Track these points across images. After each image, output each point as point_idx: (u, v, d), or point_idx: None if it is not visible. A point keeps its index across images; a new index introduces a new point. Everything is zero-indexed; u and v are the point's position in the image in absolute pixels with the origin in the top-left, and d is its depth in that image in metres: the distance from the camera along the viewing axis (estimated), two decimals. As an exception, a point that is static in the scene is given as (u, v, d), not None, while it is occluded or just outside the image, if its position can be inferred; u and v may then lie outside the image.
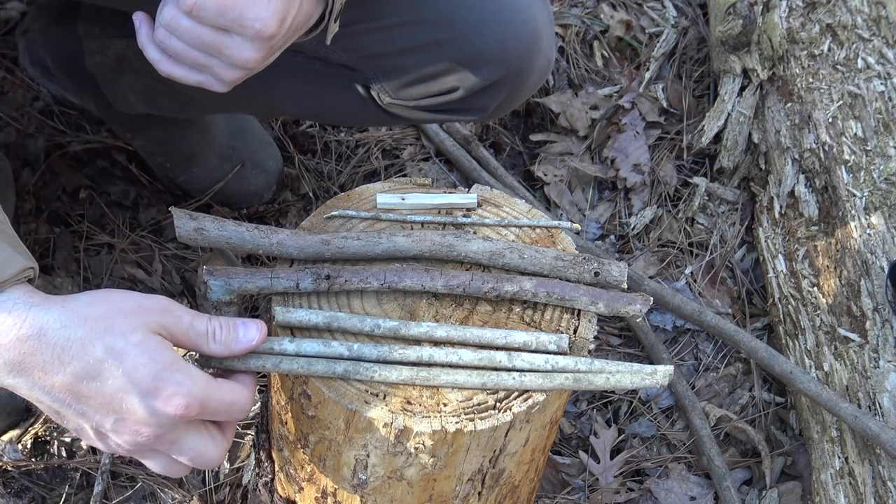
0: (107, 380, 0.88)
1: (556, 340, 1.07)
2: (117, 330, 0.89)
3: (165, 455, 0.96)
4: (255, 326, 0.99)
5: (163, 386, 0.89)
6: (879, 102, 2.06)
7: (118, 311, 0.90)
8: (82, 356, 0.88)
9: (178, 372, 0.90)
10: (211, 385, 0.93)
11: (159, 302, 0.94)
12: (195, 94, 1.68)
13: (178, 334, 0.95)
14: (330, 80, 1.51)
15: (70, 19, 1.77)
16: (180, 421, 0.91)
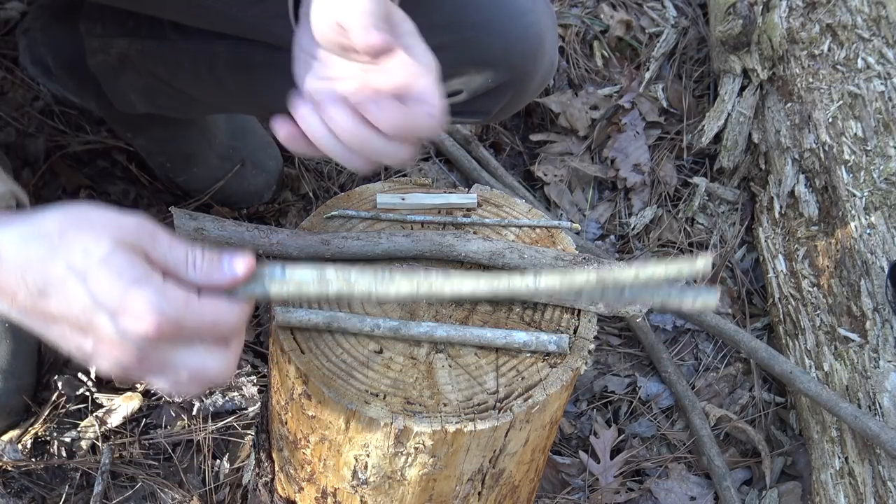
0: (72, 300, 0.82)
1: (556, 340, 1.08)
2: (79, 245, 0.82)
3: (162, 374, 0.88)
4: (242, 260, 0.90)
5: (130, 304, 0.81)
6: (879, 102, 2.06)
7: (86, 226, 0.84)
8: (44, 275, 0.82)
9: (148, 288, 0.82)
10: (189, 303, 0.84)
11: (136, 219, 0.86)
12: (196, 95, 1.68)
13: (155, 254, 0.86)
14: None
15: (71, 18, 1.76)
16: (158, 341, 0.83)
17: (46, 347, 1.74)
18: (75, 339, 0.85)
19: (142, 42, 1.66)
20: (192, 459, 1.67)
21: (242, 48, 1.56)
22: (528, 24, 1.40)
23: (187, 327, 0.84)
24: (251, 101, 1.70)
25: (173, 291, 0.83)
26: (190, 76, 1.64)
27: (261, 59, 1.55)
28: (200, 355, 0.87)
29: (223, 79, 1.61)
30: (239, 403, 1.72)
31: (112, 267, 0.82)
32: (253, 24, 1.45)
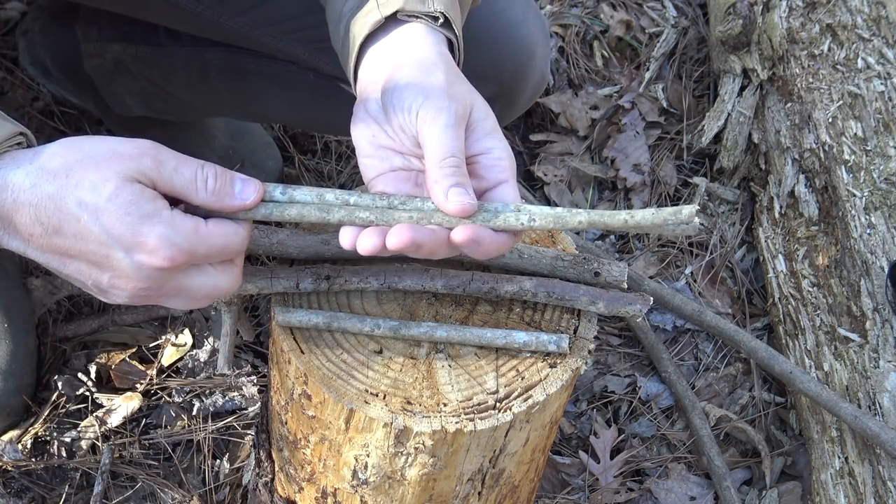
0: (87, 237, 0.84)
1: (556, 340, 1.08)
2: (87, 183, 0.84)
3: (178, 298, 0.91)
4: (254, 186, 0.91)
5: (144, 240, 0.84)
6: (879, 102, 2.06)
7: (89, 161, 0.85)
8: (57, 214, 0.84)
9: (159, 223, 0.84)
10: (198, 232, 0.87)
11: (138, 145, 0.87)
12: (189, 99, 1.69)
13: (160, 180, 0.86)
14: (323, 91, 1.51)
15: (70, 20, 1.77)
16: (172, 272, 0.86)
17: (46, 348, 1.74)
18: (92, 274, 0.87)
19: (136, 47, 1.66)
20: (192, 459, 1.67)
21: (234, 55, 1.56)
22: (518, 38, 1.38)
23: (199, 254, 0.87)
24: (243, 107, 1.70)
25: (182, 223, 0.86)
26: (183, 81, 1.65)
27: (252, 67, 1.56)
28: (212, 276, 0.90)
29: (215, 85, 1.61)
30: (239, 403, 1.72)
31: (121, 203, 0.84)
32: (242, 32, 1.46)
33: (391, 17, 1.01)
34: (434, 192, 0.92)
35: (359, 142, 1.01)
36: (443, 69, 0.98)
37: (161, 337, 1.78)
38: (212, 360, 1.76)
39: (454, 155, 0.93)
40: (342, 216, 0.94)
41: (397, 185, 0.98)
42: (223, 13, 1.44)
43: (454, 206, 0.91)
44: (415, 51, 1.00)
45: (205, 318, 1.81)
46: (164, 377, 1.73)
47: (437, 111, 0.94)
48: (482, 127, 0.97)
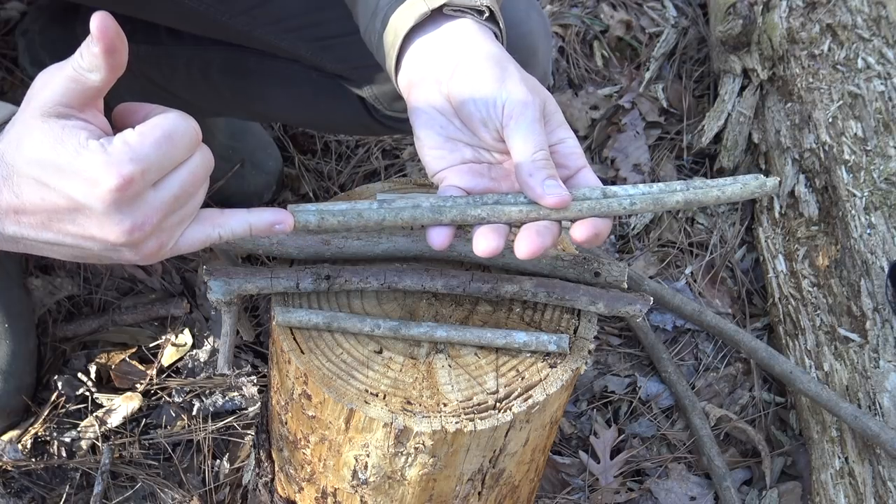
0: (49, 192, 0.81)
1: (556, 340, 1.08)
2: (24, 137, 0.81)
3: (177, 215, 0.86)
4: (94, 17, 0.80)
5: (85, 174, 0.80)
6: (879, 102, 2.06)
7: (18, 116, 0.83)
8: (18, 179, 0.82)
9: (87, 151, 0.80)
10: (131, 139, 0.81)
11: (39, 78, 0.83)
12: (191, 99, 1.69)
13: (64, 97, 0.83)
14: (325, 89, 1.51)
15: (69, 20, 1.77)
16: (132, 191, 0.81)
17: (46, 348, 1.74)
18: (85, 234, 0.84)
19: (137, 46, 1.66)
20: (192, 459, 1.67)
21: (235, 54, 1.56)
22: (519, 36, 1.37)
23: (149, 158, 0.82)
24: (245, 106, 1.70)
25: (109, 142, 0.81)
26: (184, 81, 1.65)
27: (253, 66, 1.56)
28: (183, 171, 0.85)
29: (217, 84, 1.61)
30: (239, 403, 1.72)
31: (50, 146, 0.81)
32: (244, 31, 1.46)
33: (437, 11, 1.01)
34: (530, 186, 0.94)
35: (424, 133, 1.01)
36: (514, 65, 0.99)
37: (161, 337, 1.78)
38: (212, 360, 1.76)
39: (543, 148, 0.95)
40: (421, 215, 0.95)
41: (472, 178, 1.00)
42: (225, 11, 1.44)
43: (553, 199, 0.93)
44: (479, 46, 1.00)
45: (205, 318, 1.81)
46: (164, 377, 1.73)
47: (524, 107, 0.95)
48: (555, 119, 0.99)
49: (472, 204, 0.96)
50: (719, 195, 0.97)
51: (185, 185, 0.85)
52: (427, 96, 1.01)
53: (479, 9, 1.03)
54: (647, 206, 0.97)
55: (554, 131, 0.99)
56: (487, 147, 1.01)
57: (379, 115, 1.49)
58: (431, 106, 1.01)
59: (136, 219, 0.82)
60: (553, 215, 0.95)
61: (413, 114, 1.02)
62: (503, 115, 0.96)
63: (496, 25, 1.05)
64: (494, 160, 1.02)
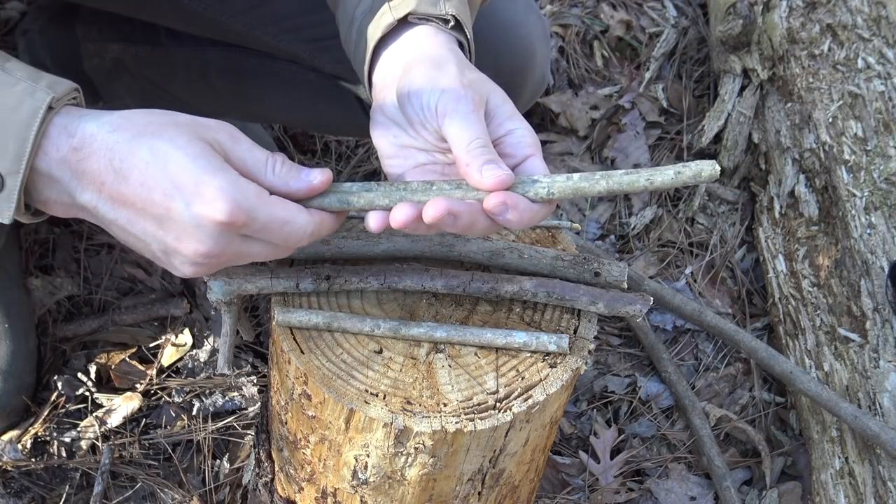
0: (153, 186, 0.85)
1: (556, 340, 1.08)
2: (164, 134, 0.87)
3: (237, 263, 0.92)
4: (319, 171, 0.92)
5: (204, 189, 0.84)
6: (879, 102, 2.06)
7: (171, 122, 0.88)
8: (129, 158, 0.86)
9: (223, 178, 0.85)
10: (261, 197, 0.87)
11: (218, 121, 0.91)
12: (190, 100, 1.69)
13: (233, 154, 0.89)
14: (323, 90, 1.51)
15: (68, 21, 1.77)
16: (230, 229, 0.86)
17: (46, 348, 1.74)
18: (157, 234, 0.88)
19: (136, 47, 1.66)
20: (192, 459, 1.67)
21: (234, 55, 1.56)
22: (517, 38, 1.37)
23: (258, 219, 0.87)
24: (243, 107, 1.70)
25: (247, 184, 0.87)
26: (183, 81, 1.65)
27: (252, 67, 1.56)
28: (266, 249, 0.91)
29: (215, 84, 1.62)
30: (239, 403, 1.72)
31: (190, 154, 0.86)
32: (243, 31, 1.46)
33: (403, 20, 1.02)
34: (468, 174, 0.93)
35: (380, 143, 1.02)
36: (454, 62, 0.99)
37: (161, 337, 1.78)
38: (212, 360, 1.76)
39: (479, 137, 0.95)
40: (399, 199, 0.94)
41: (425, 177, 1.00)
42: (224, 12, 1.44)
43: (490, 180, 0.92)
44: (425, 49, 1.01)
45: (205, 318, 1.81)
46: (164, 377, 1.73)
47: (455, 101, 0.95)
48: (502, 111, 0.99)
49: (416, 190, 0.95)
50: (647, 185, 0.93)
51: (259, 255, 0.92)
52: (382, 104, 1.02)
53: (445, 18, 1.03)
54: (566, 194, 0.94)
55: (502, 123, 0.98)
56: (439, 149, 1.00)
57: None
58: (385, 115, 1.01)
59: (213, 249, 0.87)
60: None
61: (371, 122, 1.03)
62: (437, 114, 0.96)
63: (462, 35, 1.05)
64: (449, 160, 1.01)
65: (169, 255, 0.90)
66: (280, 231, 0.89)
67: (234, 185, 0.86)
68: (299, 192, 0.91)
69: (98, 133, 0.87)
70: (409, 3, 1.02)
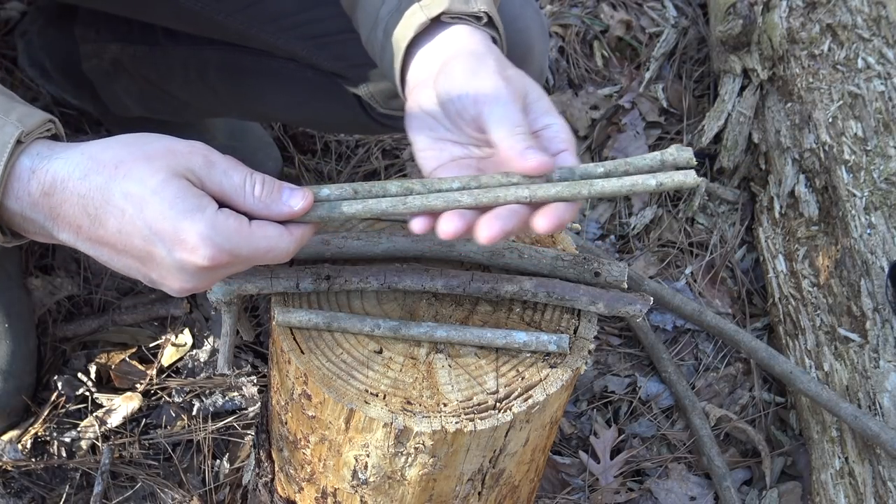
0: (131, 232, 0.84)
1: (556, 340, 1.08)
2: (136, 175, 0.83)
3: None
4: (301, 193, 0.90)
5: (184, 237, 0.83)
6: (879, 102, 2.06)
7: (141, 155, 0.85)
8: (104, 206, 0.84)
9: (201, 221, 0.84)
10: (241, 232, 0.86)
11: (191, 144, 0.87)
12: (188, 99, 1.69)
13: (209, 180, 0.87)
14: (322, 88, 1.51)
15: (67, 22, 1.77)
16: (215, 271, 0.87)
17: (46, 348, 1.74)
18: (141, 270, 0.88)
19: (134, 47, 1.66)
20: (192, 459, 1.67)
21: (232, 54, 1.56)
22: (515, 32, 1.37)
23: (241, 255, 0.87)
24: (242, 106, 1.70)
25: (225, 222, 0.85)
26: (181, 81, 1.65)
27: (250, 66, 1.56)
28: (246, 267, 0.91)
29: (213, 84, 1.61)
30: (239, 403, 1.72)
31: (165, 198, 0.84)
32: (240, 30, 1.46)
33: (436, 20, 1.03)
34: (511, 158, 0.94)
35: (416, 137, 1.03)
36: (493, 57, 1.00)
37: (161, 337, 1.78)
38: (212, 360, 1.76)
39: (520, 125, 0.95)
40: (418, 204, 0.93)
41: (460, 172, 1.00)
42: (221, 10, 1.44)
43: (533, 162, 0.92)
44: (464, 46, 1.02)
45: (205, 318, 1.81)
46: (164, 377, 1.73)
47: (496, 93, 0.96)
48: (539, 106, 1.00)
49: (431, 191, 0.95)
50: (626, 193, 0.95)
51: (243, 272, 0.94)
52: (419, 101, 1.02)
53: (478, 15, 1.04)
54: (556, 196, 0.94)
55: (538, 118, 0.99)
56: (476, 143, 1.01)
57: (375, 113, 1.49)
58: (422, 110, 1.02)
59: (198, 285, 0.88)
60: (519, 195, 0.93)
61: (406, 119, 1.04)
62: (476, 104, 0.97)
63: (495, 30, 1.06)
64: (485, 154, 1.02)
65: (155, 283, 0.90)
66: (263, 258, 0.89)
67: (214, 229, 0.84)
68: (280, 217, 0.90)
69: (68, 179, 0.84)
70: (441, 2, 1.03)
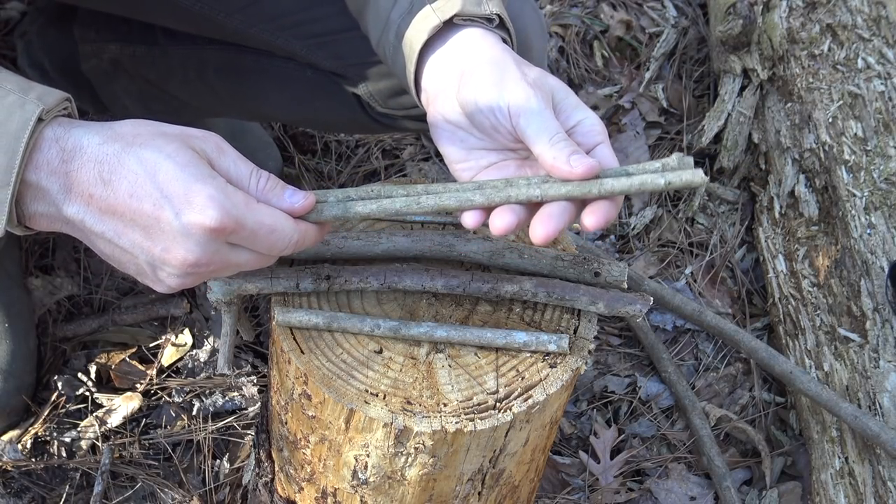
0: (142, 196, 0.86)
1: (556, 340, 1.08)
2: (152, 144, 0.87)
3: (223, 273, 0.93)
4: (303, 194, 0.94)
5: (194, 197, 0.85)
6: (879, 102, 2.06)
7: (159, 132, 0.89)
8: (118, 169, 0.86)
9: (212, 185, 0.86)
10: (250, 204, 0.88)
11: (206, 133, 0.91)
12: (188, 99, 1.69)
13: (218, 165, 0.90)
14: (321, 87, 1.51)
15: (66, 22, 1.77)
16: (218, 237, 0.87)
17: (46, 348, 1.74)
18: (145, 245, 0.88)
19: (133, 47, 1.66)
20: (192, 459, 1.67)
21: (231, 54, 1.56)
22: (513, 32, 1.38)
23: (247, 227, 0.88)
24: (241, 105, 1.70)
25: (235, 191, 0.88)
26: (181, 81, 1.65)
27: (250, 65, 1.56)
28: (251, 258, 0.92)
29: (213, 84, 1.61)
30: (239, 403, 1.72)
31: (178, 162, 0.86)
32: (240, 29, 1.46)
33: (448, 22, 1.03)
34: (556, 167, 0.94)
35: (448, 151, 1.03)
36: (513, 63, 1.01)
37: (161, 337, 1.78)
38: (212, 360, 1.76)
39: (558, 132, 0.96)
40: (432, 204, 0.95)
41: (501, 172, 1.02)
42: (221, 10, 1.44)
43: (581, 168, 0.93)
44: (481, 53, 1.02)
45: (205, 318, 1.81)
46: (164, 377, 1.73)
47: (526, 101, 0.96)
48: (568, 103, 1.00)
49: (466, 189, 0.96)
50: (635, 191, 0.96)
51: (244, 264, 0.92)
52: (443, 111, 1.03)
53: (490, 17, 1.05)
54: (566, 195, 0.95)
55: (571, 115, 0.99)
56: (512, 148, 1.02)
57: (374, 112, 1.49)
58: (448, 121, 1.02)
59: (201, 258, 0.88)
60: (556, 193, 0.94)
61: (433, 130, 1.04)
62: (510, 117, 0.97)
63: (506, 31, 1.07)
64: (523, 157, 1.03)
65: (155, 267, 0.90)
66: (267, 238, 0.90)
67: (223, 193, 0.87)
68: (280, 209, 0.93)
69: (88, 145, 0.87)
70: (453, 4, 1.03)
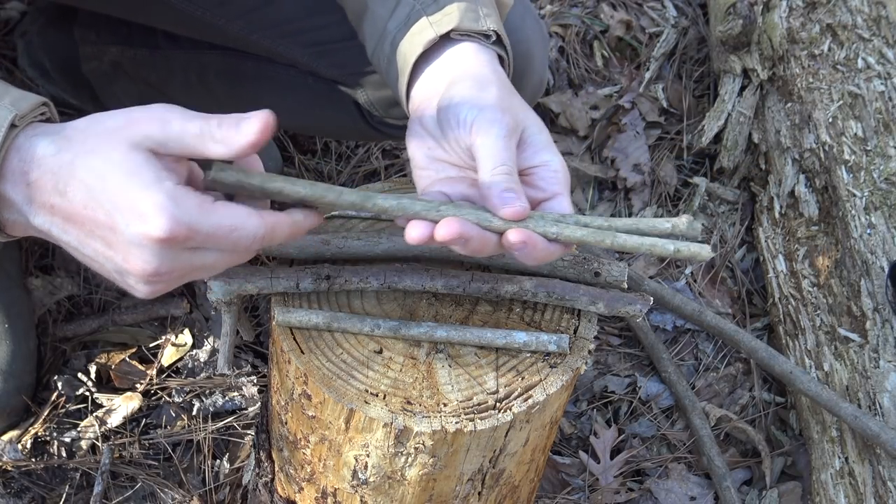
0: (95, 207, 0.83)
1: (556, 340, 1.08)
2: (100, 150, 0.83)
3: (193, 276, 0.89)
4: (256, 116, 0.89)
5: (140, 207, 0.81)
6: (879, 102, 2.06)
7: (104, 130, 0.85)
8: (71, 181, 0.84)
9: (159, 191, 0.82)
10: (203, 207, 0.83)
11: (147, 109, 0.87)
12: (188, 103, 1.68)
13: (170, 142, 0.86)
14: (322, 95, 1.51)
15: (67, 23, 1.77)
16: (172, 247, 0.83)
17: (46, 348, 1.74)
18: (107, 254, 0.86)
19: (134, 50, 1.66)
20: (192, 459, 1.67)
21: (232, 58, 1.56)
22: (515, 42, 1.37)
23: (201, 231, 0.84)
24: (241, 110, 1.70)
25: (185, 195, 0.83)
26: (181, 84, 1.65)
27: (250, 70, 1.56)
28: (221, 257, 0.88)
29: (213, 88, 1.62)
30: (239, 403, 1.72)
31: (125, 171, 0.83)
32: (241, 35, 1.46)
33: (445, 36, 1.03)
34: (488, 197, 0.93)
35: (414, 154, 1.03)
36: (497, 85, 1.00)
37: (161, 337, 1.78)
38: (212, 360, 1.76)
39: (505, 163, 0.94)
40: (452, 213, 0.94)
41: (453, 187, 0.99)
42: (222, 16, 1.44)
43: (508, 209, 0.92)
44: (469, 68, 1.01)
45: (205, 318, 1.81)
46: (164, 377, 1.73)
47: (490, 123, 0.95)
48: (538, 141, 0.99)
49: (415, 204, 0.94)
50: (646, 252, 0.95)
51: (215, 264, 0.88)
52: (422, 119, 1.02)
53: (486, 33, 1.04)
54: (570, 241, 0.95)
55: (537, 153, 0.98)
56: (469, 166, 1.00)
57: (374, 120, 1.49)
58: (423, 126, 1.02)
59: (160, 267, 0.84)
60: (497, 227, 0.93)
61: (408, 135, 1.04)
62: (471, 132, 0.96)
63: (503, 49, 1.06)
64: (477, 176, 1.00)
65: (122, 275, 0.88)
66: (228, 238, 0.86)
67: (172, 200, 0.82)
68: (247, 147, 0.88)
69: (45, 156, 0.84)
70: (451, 19, 1.03)
